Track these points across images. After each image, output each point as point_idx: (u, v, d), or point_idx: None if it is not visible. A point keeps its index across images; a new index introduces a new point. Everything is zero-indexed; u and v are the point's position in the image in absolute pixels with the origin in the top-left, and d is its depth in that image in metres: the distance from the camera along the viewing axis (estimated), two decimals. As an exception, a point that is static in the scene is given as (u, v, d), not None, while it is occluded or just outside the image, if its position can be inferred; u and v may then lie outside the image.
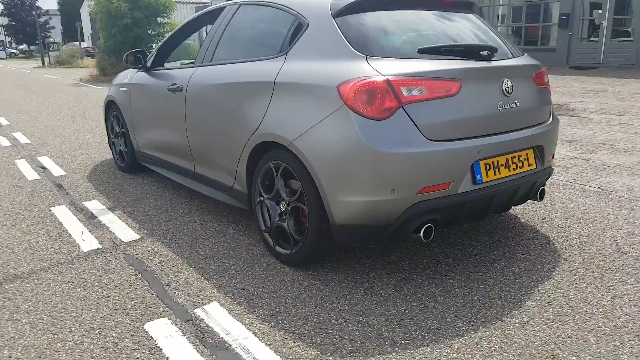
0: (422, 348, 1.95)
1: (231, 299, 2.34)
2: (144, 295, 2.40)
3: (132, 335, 2.08)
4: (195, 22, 3.82)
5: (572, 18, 14.77)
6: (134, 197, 3.88)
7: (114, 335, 2.08)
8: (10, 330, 2.13)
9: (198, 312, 2.24)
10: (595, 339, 1.99)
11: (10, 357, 1.96)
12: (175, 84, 3.43)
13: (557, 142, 2.91)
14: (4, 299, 2.39)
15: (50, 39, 37.42)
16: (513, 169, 2.51)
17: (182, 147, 3.44)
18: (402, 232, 2.28)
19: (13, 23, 56.08)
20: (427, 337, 2.02)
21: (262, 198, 2.73)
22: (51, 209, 3.67)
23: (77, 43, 34.81)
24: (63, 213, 3.56)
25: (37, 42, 36.47)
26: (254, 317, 2.19)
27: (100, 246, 2.98)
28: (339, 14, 2.49)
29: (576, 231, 3.05)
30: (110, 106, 4.64)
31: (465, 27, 2.78)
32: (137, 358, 1.93)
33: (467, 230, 3.09)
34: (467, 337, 2.01)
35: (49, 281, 2.56)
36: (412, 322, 2.12)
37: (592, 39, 14.79)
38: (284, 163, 2.51)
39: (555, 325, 2.08)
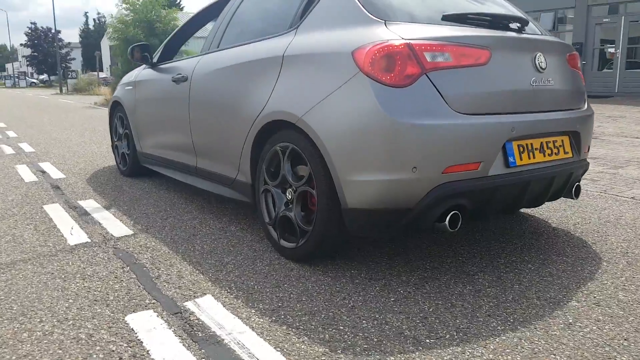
0: (452, 348, 1.63)
1: (227, 292, 2.05)
2: (129, 288, 2.11)
3: (109, 327, 1.79)
4: (204, 13, 3.62)
5: (585, 48, 14.69)
6: (133, 197, 3.64)
7: (89, 326, 1.80)
8: (-26, 320, 1.86)
9: (188, 305, 1.95)
10: (659, 342, 1.66)
11: (-32, 347, 1.68)
12: (180, 74, 3.24)
13: (592, 134, 2.62)
14: (-26, 289, 2.12)
15: (70, 69, 38.26)
16: (548, 154, 2.24)
17: (184, 140, 3.22)
18: (425, 218, 1.98)
19: (35, 54, 57.84)
20: (456, 337, 1.70)
21: (267, 186, 2.46)
22: (43, 206, 3.43)
23: (96, 73, 35.53)
24: (55, 210, 3.32)
25: (57, 72, 37.25)
26: (253, 311, 1.89)
27: (89, 240, 2.72)
28: None
29: (614, 236, 2.73)
30: (115, 107, 4.45)
31: (489, 3, 2.55)
32: (113, 350, 1.64)
33: (494, 232, 2.79)
34: (504, 337, 1.69)
35: (27, 272, 2.29)
36: (437, 321, 1.81)
37: (605, 70, 14.67)
38: (292, 144, 2.25)
39: (607, 327, 1.75)
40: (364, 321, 1.80)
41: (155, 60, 3.78)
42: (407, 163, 1.89)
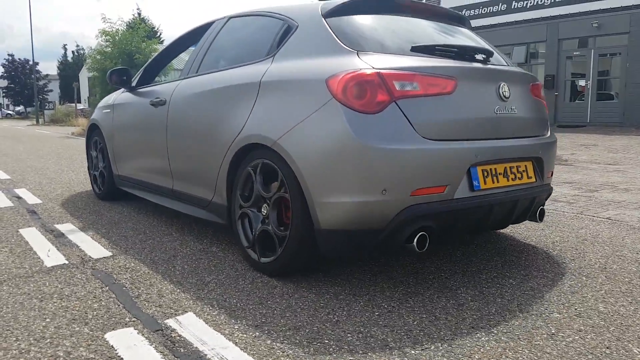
0: (437, 358, 1.63)
1: (209, 309, 2.02)
2: (108, 307, 2.06)
3: (88, 345, 1.73)
4: (185, 38, 3.67)
5: (557, 80, 15.26)
6: (111, 221, 3.58)
7: (67, 344, 1.74)
8: (-57, 342, 1.78)
9: (169, 322, 1.90)
10: (639, 349, 1.68)
11: (-64, 369, 1.61)
12: (159, 98, 3.28)
13: (555, 160, 2.75)
14: (-56, 311, 2.04)
15: (47, 100, 37.84)
16: (512, 179, 2.33)
17: (161, 163, 3.25)
18: (394, 239, 2.04)
19: (12, 85, 57.25)
20: (441, 348, 1.70)
21: (243, 210, 2.49)
22: (19, 230, 3.34)
23: (74, 104, 35.21)
24: (31, 233, 3.24)
25: (34, 103, 36.64)
26: (236, 327, 1.86)
27: (66, 262, 2.65)
28: (329, 14, 2.41)
29: (592, 252, 2.79)
30: (93, 131, 4.44)
31: (457, 35, 2.70)
32: (91, 368, 1.59)
33: (474, 250, 2.82)
34: (488, 348, 1.70)
35: (2, 293, 2.22)
36: (422, 333, 1.80)
37: (577, 101, 15.24)
38: (267, 166, 2.31)
39: (589, 337, 1.78)
40: (348, 335, 1.79)
41: (134, 84, 3.80)
42: (377, 185, 1.95)
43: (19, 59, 58.78)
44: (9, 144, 12.14)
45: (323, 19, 2.38)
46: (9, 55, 58.29)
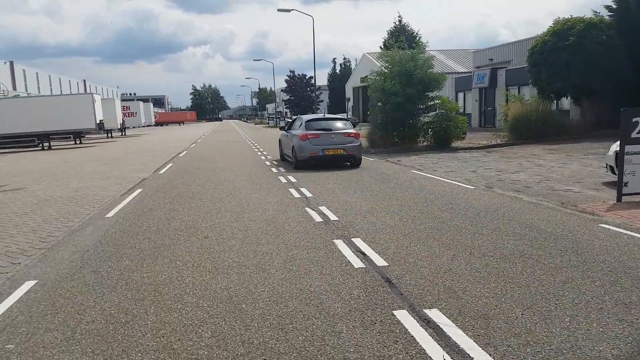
0: None
1: None
2: None
3: None
4: (295, 118, 16.66)
5: None
6: (478, 314, 3.38)
7: None
8: None
9: None
10: None
11: None
12: (287, 135, 14.94)
13: (356, 149, 13.03)
14: None
15: (319, 110, 42.91)
16: (336, 153, 13.02)
17: (289, 150, 14.27)
18: (310, 163, 13.00)
19: (292, 98, 67.31)
20: None
21: (293, 158, 13.80)
22: (394, 312, 3.44)
23: (344, 114, 39.00)
24: (409, 323, 3.27)
25: (309, 112, 42.02)
26: None
27: (475, 388, 2.51)
28: (306, 121, 13.81)
29: None
30: (279, 141, 16.50)
31: (338, 123, 13.93)
32: None
33: None
34: None
35: None
36: None
37: None
38: (294, 147, 13.64)
39: None
40: None
41: (286, 129, 15.93)
42: (304, 152, 13.12)
43: (298, 74, 68.67)
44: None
45: (305, 122, 13.71)
46: (290, 71, 68.62)
